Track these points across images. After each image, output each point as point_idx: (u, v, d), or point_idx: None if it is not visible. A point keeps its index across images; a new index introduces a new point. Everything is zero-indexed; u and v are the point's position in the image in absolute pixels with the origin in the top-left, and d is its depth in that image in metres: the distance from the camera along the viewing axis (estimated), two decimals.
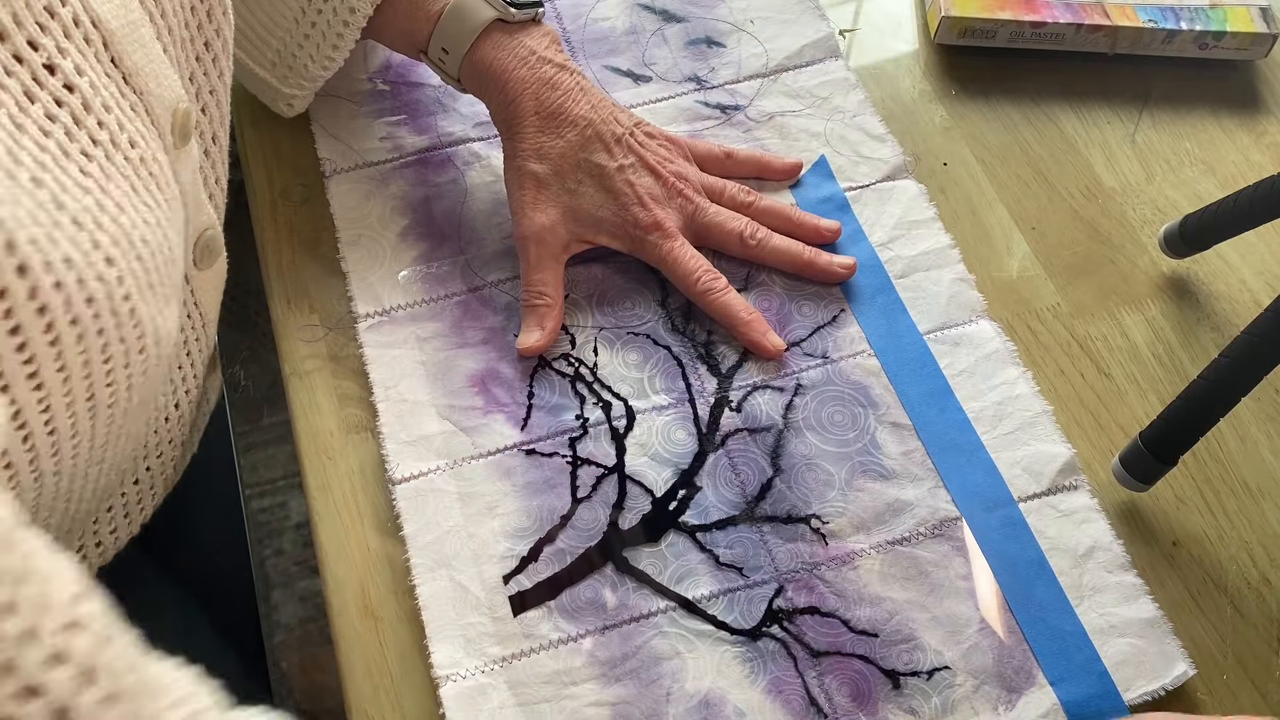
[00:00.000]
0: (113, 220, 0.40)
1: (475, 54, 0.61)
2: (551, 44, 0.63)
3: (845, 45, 0.76)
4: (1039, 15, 0.73)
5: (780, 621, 0.54)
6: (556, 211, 0.61)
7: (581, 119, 0.61)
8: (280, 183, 0.68)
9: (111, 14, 0.43)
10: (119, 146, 0.42)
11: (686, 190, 0.63)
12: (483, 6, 0.61)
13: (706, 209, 0.63)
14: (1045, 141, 0.72)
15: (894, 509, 0.57)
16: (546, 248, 0.61)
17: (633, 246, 0.62)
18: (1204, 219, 0.63)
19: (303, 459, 0.58)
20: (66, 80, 0.40)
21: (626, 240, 0.62)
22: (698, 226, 0.63)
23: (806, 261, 0.63)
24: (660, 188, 0.62)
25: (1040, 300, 0.65)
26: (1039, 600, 0.55)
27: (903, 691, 0.52)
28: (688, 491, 0.57)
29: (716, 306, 0.61)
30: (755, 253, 0.63)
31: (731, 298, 0.61)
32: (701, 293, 0.61)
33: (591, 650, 0.53)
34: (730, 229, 0.63)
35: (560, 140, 0.61)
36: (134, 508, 0.56)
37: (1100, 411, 0.61)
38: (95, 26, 0.42)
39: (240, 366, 0.84)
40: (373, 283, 0.63)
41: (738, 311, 0.61)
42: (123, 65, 0.43)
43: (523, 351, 0.60)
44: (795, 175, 0.68)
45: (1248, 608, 0.56)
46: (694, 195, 0.63)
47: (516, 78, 0.61)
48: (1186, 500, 0.59)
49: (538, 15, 0.63)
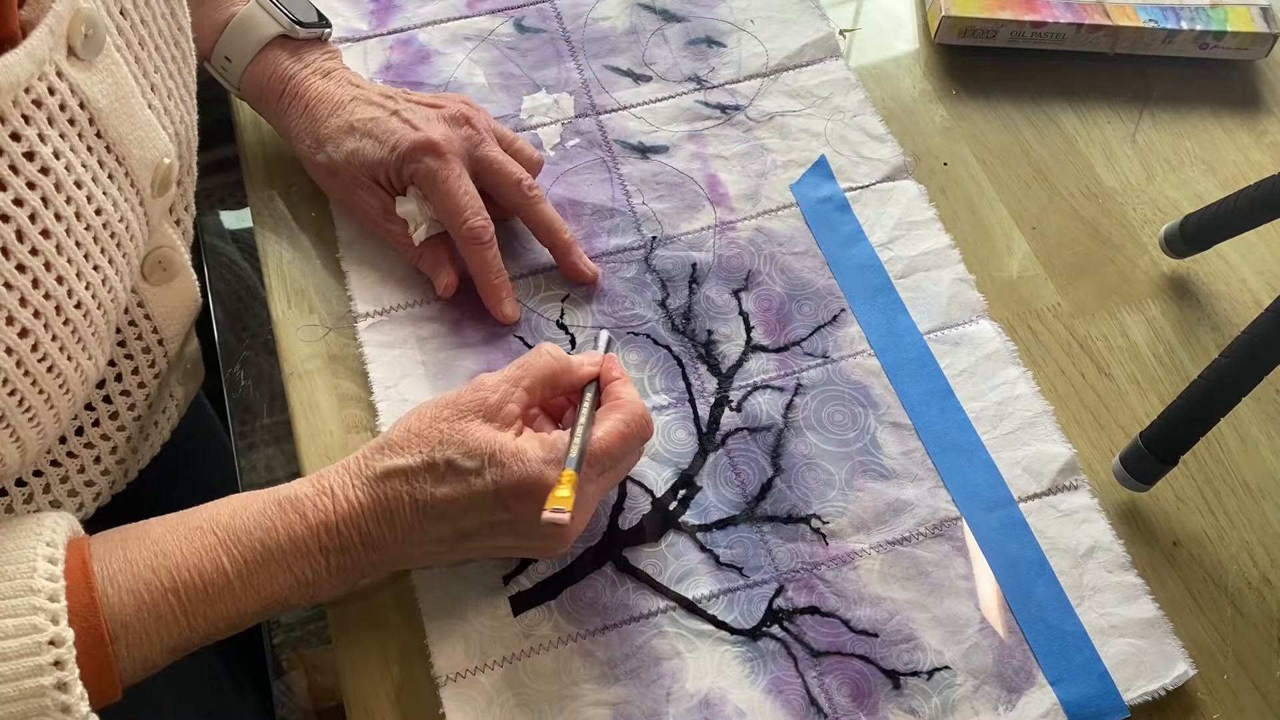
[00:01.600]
0: (44, 296, 0.43)
1: (256, 66, 0.63)
2: (331, 59, 0.64)
3: (845, 45, 0.76)
4: (1039, 15, 0.73)
5: (780, 621, 0.54)
6: (351, 182, 0.62)
7: (347, 96, 0.62)
8: (280, 182, 0.68)
9: (101, 93, 0.45)
10: (83, 217, 0.44)
11: (475, 120, 0.62)
12: (268, 21, 0.63)
13: (492, 145, 0.62)
14: (1046, 141, 0.72)
15: (894, 509, 0.57)
16: (373, 224, 0.63)
17: (410, 180, 0.61)
18: (1204, 219, 0.63)
19: (303, 459, 0.58)
20: (43, 164, 0.42)
21: (398, 176, 0.61)
22: (479, 158, 0.62)
23: (565, 241, 0.63)
24: (439, 118, 0.62)
25: (1040, 300, 0.65)
26: (1039, 600, 0.55)
27: (903, 691, 0.52)
28: (688, 491, 0.57)
29: (474, 258, 0.61)
30: (527, 206, 0.62)
31: (490, 255, 0.61)
32: (465, 235, 0.60)
33: (591, 650, 0.53)
34: (511, 171, 0.62)
35: (333, 119, 0.62)
36: (81, 487, 0.57)
37: (1100, 411, 0.61)
38: (83, 107, 0.44)
39: (240, 366, 0.84)
40: (373, 283, 0.63)
41: (487, 271, 0.61)
42: (107, 137, 0.46)
43: (442, 291, 0.62)
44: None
45: (1248, 608, 0.56)
46: (481, 129, 0.62)
47: (292, 85, 0.63)
48: (1187, 500, 0.59)
49: (324, 35, 0.65)
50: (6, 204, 0.41)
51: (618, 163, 0.69)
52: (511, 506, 0.48)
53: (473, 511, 0.49)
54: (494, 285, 0.61)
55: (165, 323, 0.57)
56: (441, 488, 0.48)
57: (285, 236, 0.66)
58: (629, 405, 0.52)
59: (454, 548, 0.50)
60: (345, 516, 0.48)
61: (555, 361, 0.52)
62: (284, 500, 0.48)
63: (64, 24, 0.43)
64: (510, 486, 0.48)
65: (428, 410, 0.50)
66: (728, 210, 0.67)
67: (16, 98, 0.41)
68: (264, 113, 0.65)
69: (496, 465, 0.48)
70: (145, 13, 0.50)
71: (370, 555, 0.49)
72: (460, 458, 0.48)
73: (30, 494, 0.53)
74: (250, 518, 0.48)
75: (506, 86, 0.72)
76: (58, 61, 0.43)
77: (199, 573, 0.46)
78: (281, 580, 0.47)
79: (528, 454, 0.49)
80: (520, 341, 0.62)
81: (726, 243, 0.66)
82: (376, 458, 0.49)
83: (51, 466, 0.53)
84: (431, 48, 0.73)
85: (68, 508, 0.55)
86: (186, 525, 0.47)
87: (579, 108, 0.71)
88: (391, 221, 0.62)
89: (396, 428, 0.50)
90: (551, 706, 0.51)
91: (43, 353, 0.45)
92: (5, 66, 0.40)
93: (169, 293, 0.56)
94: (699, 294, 0.64)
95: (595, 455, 0.50)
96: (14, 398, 0.44)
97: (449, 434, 0.49)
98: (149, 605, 0.45)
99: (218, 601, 0.46)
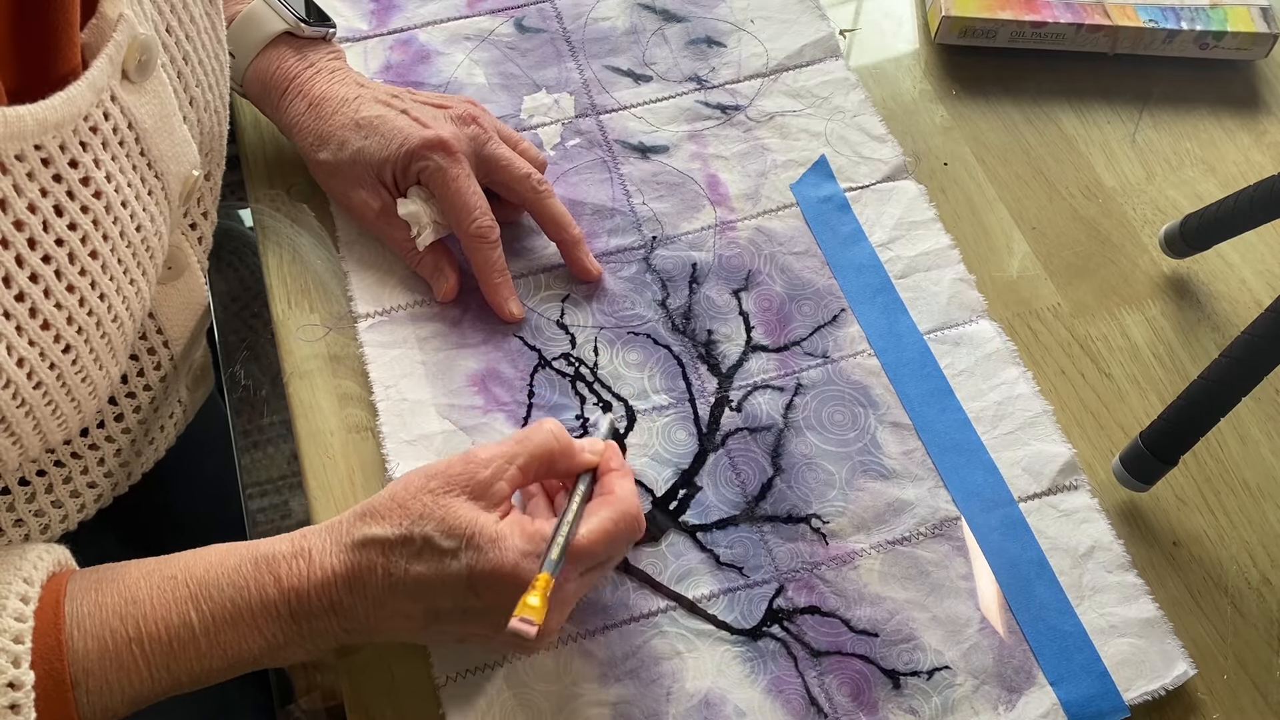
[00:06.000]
0: (88, 314, 0.45)
1: (260, 62, 0.63)
2: (336, 59, 0.64)
3: (845, 45, 0.76)
4: (1039, 15, 0.73)
5: (780, 621, 0.54)
6: (354, 181, 0.62)
7: (352, 94, 0.62)
8: (280, 182, 0.68)
9: (148, 114, 0.46)
10: (125, 235, 0.46)
11: (482, 119, 0.62)
12: (273, 18, 0.62)
13: (499, 143, 0.62)
14: (1045, 141, 0.72)
15: (894, 509, 0.57)
16: (373, 224, 0.62)
17: (417, 178, 0.61)
18: (1204, 219, 0.63)
19: (303, 459, 0.58)
20: (97, 188, 0.43)
21: (404, 174, 0.61)
22: (486, 156, 0.62)
23: (573, 237, 0.63)
24: (446, 117, 0.62)
25: (1040, 300, 0.65)
26: (1039, 600, 0.55)
27: (903, 691, 0.52)
28: (688, 491, 0.57)
29: (478, 256, 0.61)
30: (536, 201, 0.62)
31: (496, 255, 0.61)
32: (472, 234, 0.60)
33: (591, 650, 0.53)
34: (520, 166, 0.62)
35: (337, 117, 0.62)
36: (85, 489, 0.57)
37: (1100, 411, 0.61)
38: (131, 128, 0.45)
39: (240, 366, 0.84)
40: (373, 283, 0.63)
41: (492, 271, 0.61)
42: (149, 155, 0.47)
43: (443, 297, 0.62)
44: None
45: (1248, 608, 0.56)
46: (487, 127, 0.62)
47: (296, 83, 0.63)
48: (1187, 500, 0.59)
49: (328, 34, 0.64)
50: (63, 229, 0.42)
51: (618, 163, 0.69)
52: (483, 594, 0.46)
53: (444, 593, 0.47)
54: (499, 285, 0.61)
55: (170, 323, 0.57)
56: (416, 565, 0.46)
57: (286, 236, 0.66)
58: (621, 502, 0.49)
59: (425, 627, 0.48)
60: (319, 583, 0.46)
61: (556, 443, 0.50)
62: (260, 559, 0.47)
63: (123, 52, 0.44)
64: (484, 574, 0.46)
65: (415, 479, 0.48)
66: (728, 210, 0.67)
67: (76, 126, 0.42)
68: (266, 110, 0.65)
69: (474, 549, 0.46)
70: (190, 29, 0.51)
71: (342, 623, 0.47)
72: (438, 536, 0.46)
73: (33, 493, 0.53)
74: (225, 573, 0.46)
75: (507, 86, 0.72)
76: (113, 87, 0.44)
77: (165, 625, 0.45)
78: (250, 640, 0.46)
79: (507, 542, 0.46)
80: (520, 341, 0.62)
81: (726, 243, 0.66)
82: (358, 524, 0.47)
83: (55, 466, 0.53)
84: (432, 48, 0.73)
85: (69, 507, 0.55)
86: (162, 573, 0.46)
87: (579, 108, 0.71)
88: (391, 223, 0.62)
89: (382, 494, 0.48)
90: (551, 706, 0.51)
91: (81, 366, 0.45)
92: (69, 99, 0.41)
93: (174, 292, 0.56)
94: (699, 294, 0.64)
95: (577, 554, 0.47)
96: (49, 408, 0.45)
97: (431, 508, 0.47)
98: (112, 654, 0.44)
99: (181, 656, 0.45)
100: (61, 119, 0.40)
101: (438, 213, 0.61)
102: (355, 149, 0.61)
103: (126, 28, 0.43)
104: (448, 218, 0.61)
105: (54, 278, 0.42)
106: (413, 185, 0.61)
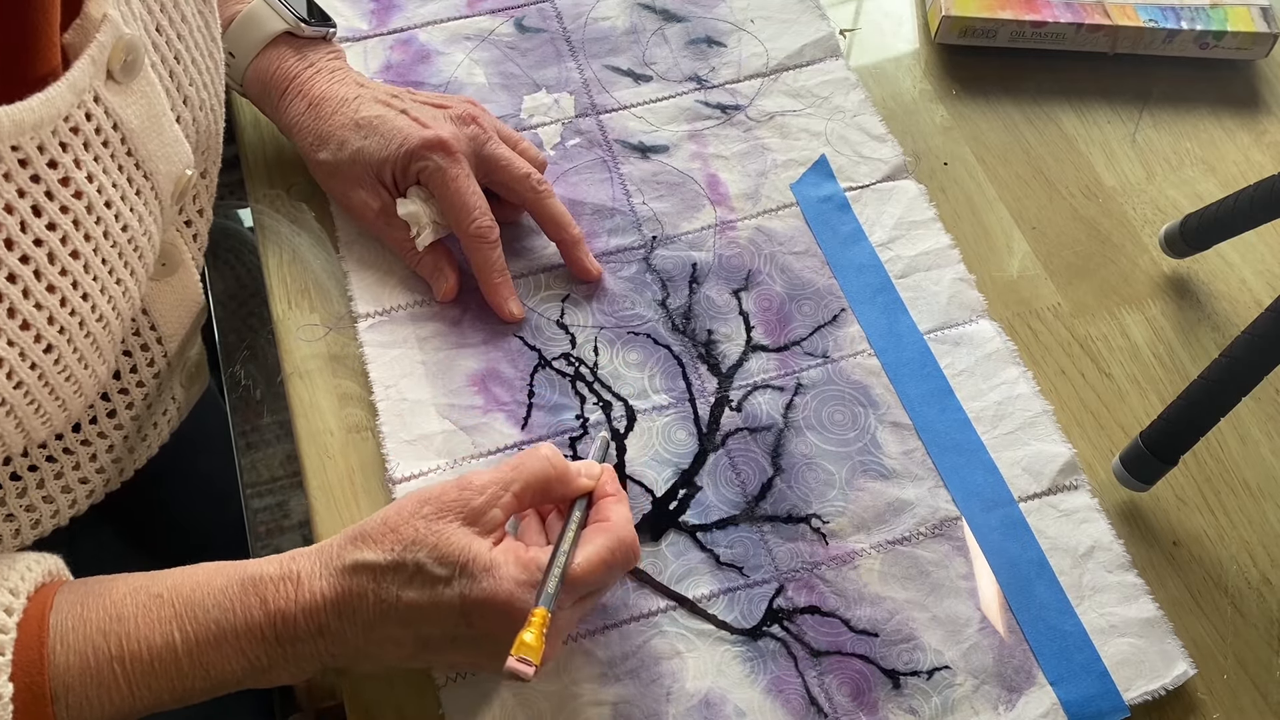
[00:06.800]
0: (70, 314, 0.45)
1: (260, 62, 0.63)
2: (336, 58, 0.64)
3: (845, 45, 0.76)
4: (1039, 15, 0.73)
5: (780, 621, 0.54)
6: (354, 181, 0.61)
7: (352, 94, 0.62)
8: (280, 182, 0.68)
9: (134, 114, 0.46)
10: (110, 235, 0.45)
11: (482, 119, 0.62)
12: (273, 18, 0.62)
13: (499, 143, 0.62)
14: (1046, 141, 0.72)
15: (894, 509, 0.57)
16: (372, 224, 0.62)
17: (417, 177, 0.61)
18: (1204, 219, 0.63)
19: (303, 459, 0.58)
20: (77, 189, 0.43)
21: (404, 174, 0.61)
22: (486, 156, 0.61)
23: (573, 236, 0.63)
24: (446, 117, 0.62)
25: (1040, 300, 0.65)
26: (1039, 600, 0.55)
27: (903, 691, 0.52)
28: (688, 491, 0.57)
29: (478, 256, 0.61)
30: (536, 200, 0.62)
31: (495, 255, 0.61)
32: (472, 234, 0.60)
33: (591, 650, 0.53)
34: (520, 166, 0.62)
35: (337, 116, 0.62)
36: (77, 485, 0.57)
37: (1100, 411, 0.61)
38: (116, 129, 0.45)
39: (240, 366, 0.84)
40: (372, 283, 0.63)
41: (491, 271, 0.61)
42: (136, 155, 0.47)
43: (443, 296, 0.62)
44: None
45: (1248, 608, 0.56)
46: (487, 127, 0.62)
47: (296, 83, 0.63)
48: (1187, 500, 0.59)
49: (329, 34, 0.64)
50: (41, 229, 0.42)
51: (618, 162, 0.69)
52: (476, 623, 0.46)
53: (435, 620, 0.46)
54: (499, 285, 0.61)
55: (164, 320, 0.57)
56: (408, 591, 0.45)
57: (285, 237, 0.66)
58: (616, 529, 0.49)
59: (416, 654, 0.47)
60: (306, 607, 0.45)
61: (551, 469, 0.49)
62: (248, 580, 0.46)
63: (106, 53, 0.44)
64: (477, 602, 0.45)
65: (408, 504, 0.47)
66: (728, 210, 0.67)
67: (55, 127, 0.41)
68: (266, 110, 0.65)
69: (467, 577, 0.45)
70: (181, 28, 0.51)
71: (329, 647, 0.46)
72: (431, 563, 0.45)
73: (24, 487, 0.53)
74: (211, 594, 0.46)
75: (507, 86, 0.72)
76: (96, 88, 0.44)
77: (148, 645, 0.44)
78: (233, 662, 0.45)
79: (501, 570, 0.46)
80: (521, 341, 0.62)
81: (726, 242, 0.66)
82: (349, 548, 0.47)
83: (47, 462, 0.53)
84: (432, 47, 0.73)
85: (60, 502, 0.55)
86: (149, 590, 0.46)
87: (579, 107, 0.71)
88: (391, 223, 0.62)
89: (375, 517, 0.48)
90: (551, 706, 0.51)
91: (64, 365, 0.45)
92: (47, 100, 0.41)
93: (168, 289, 0.56)
94: (699, 294, 0.64)
95: (573, 583, 0.47)
96: (32, 406, 0.45)
97: (424, 534, 0.46)
98: (93, 670, 0.43)
99: (163, 675, 0.44)
100: (39, 120, 0.40)
101: (437, 213, 0.61)
102: (355, 149, 0.61)
103: (111, 28, 0.43)
104: (447, 218, 0.61)
105: (33, 278, 0.42)
106: (412, 185, 0.61)
